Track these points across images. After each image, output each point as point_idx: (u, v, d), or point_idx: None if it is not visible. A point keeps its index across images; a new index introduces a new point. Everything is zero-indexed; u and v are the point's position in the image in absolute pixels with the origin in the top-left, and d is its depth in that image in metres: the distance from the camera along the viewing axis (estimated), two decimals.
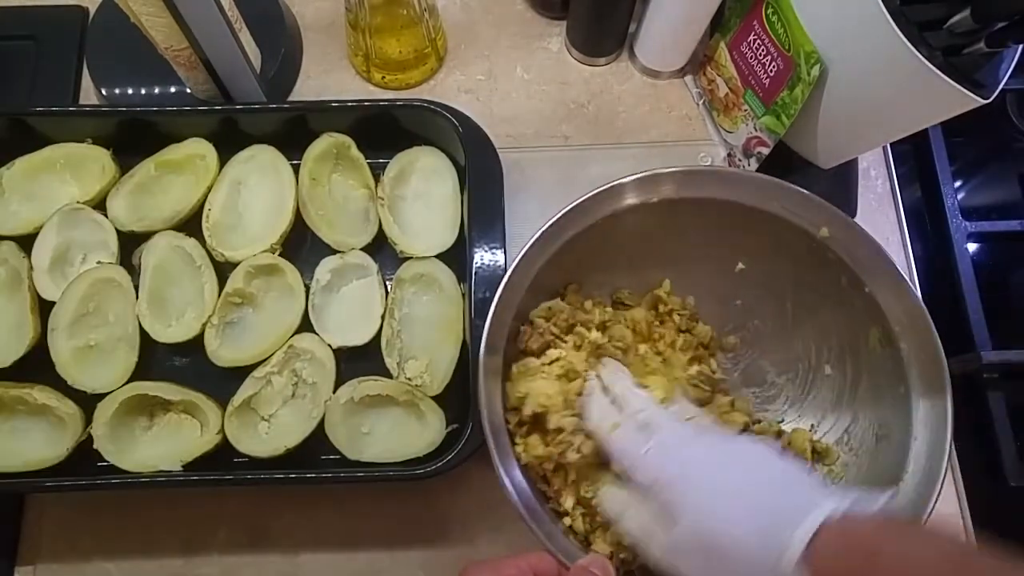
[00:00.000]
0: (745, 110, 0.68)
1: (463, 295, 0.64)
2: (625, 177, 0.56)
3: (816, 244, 0.56)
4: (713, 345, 0.64)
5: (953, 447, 0.51)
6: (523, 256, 0.54)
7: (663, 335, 0.61)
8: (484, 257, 0.62)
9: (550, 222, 0.55)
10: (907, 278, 0.54)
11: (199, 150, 0.67)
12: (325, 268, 0.65)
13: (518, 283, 0.54)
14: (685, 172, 0.57)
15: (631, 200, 0.56)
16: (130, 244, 0.66)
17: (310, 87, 0.77)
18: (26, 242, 0.64)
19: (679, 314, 0.63)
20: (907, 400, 0.53)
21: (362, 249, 0.66)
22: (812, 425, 0.60)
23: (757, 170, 0.69)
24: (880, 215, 0.74)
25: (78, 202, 0.65)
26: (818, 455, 0.58)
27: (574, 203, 0.55)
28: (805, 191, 0.56)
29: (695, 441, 0.47)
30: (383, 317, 0.64)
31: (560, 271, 0.58)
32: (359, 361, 0.64)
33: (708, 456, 0.45)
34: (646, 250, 0.61)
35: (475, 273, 0.61)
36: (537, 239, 0.54)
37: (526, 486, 0.51)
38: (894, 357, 0.54)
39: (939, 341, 0.52)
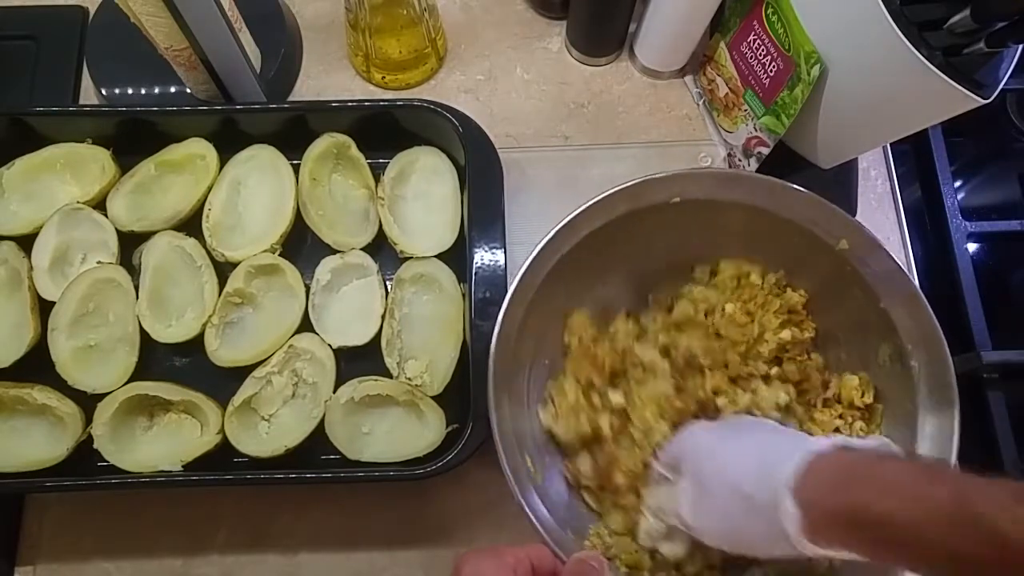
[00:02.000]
0: (745, 110, 0.68)
1: (463, 295, 0.64)
2: (652, 175, 0.56)
3: (834, 256, 0.56)
4: (803, 313, 0.62)
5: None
6: (534, 259, 0.54)
7: (754, 296, 0.61)
8: (484, 257, 0.62)
9: (569, 217, 0.55)
10: (923, 296, 0.53)
11: (199, 150, 0.67)
12: (325, 268, 0.65)
13: (528, 285, 0.55)
14: (712, 175, 0.57)
15: (652, 199, 0.56)
16: (130, 244, 0.66)
17: (310, 87, 0.77)
18: (26, 242, 0.64)
19: (759, 276, 0.62)
20: (914, 417, 0.52)
21: (362, 249, 0.66)
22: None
23: (757, 170, 0.69)
24: (880, 215, 0.74)
25: (78, 202, 0.65)
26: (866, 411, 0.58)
27: (598, 197, 0.55)
28: (828, 203, 0.55)
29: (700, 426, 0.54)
30: (383, 317, 0.64)
31: (570, 274, 0.58)
32: (359, 361, 0.64)
33: (709, 428, 0.52)
34: (658, 252, 0.61)
35: (475, 273, 0.61)
36: (552, 237, 0.54)
37: (534, 493, 0.51)
38: (903, 374, 0.54)
39: (951, 361, 0.51)
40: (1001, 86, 0.51)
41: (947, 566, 0.36)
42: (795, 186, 0.56)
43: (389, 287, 0.66)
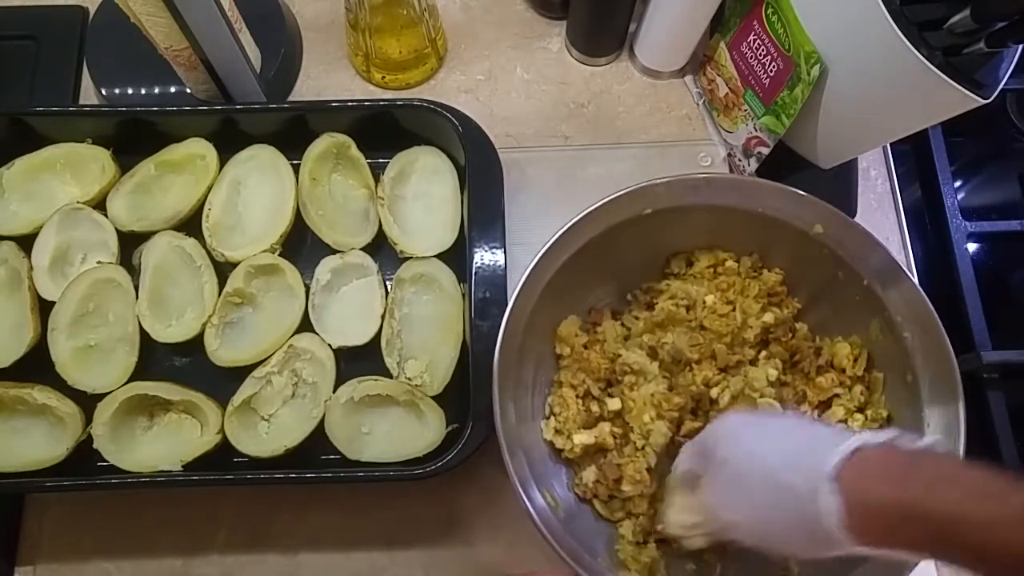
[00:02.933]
0: (745, 110, 0.68)
1: (463, 295, 0.64)
2: (613, 194, 0.56)
3: (810, 242, 0.56)
4: (781, 292, 0.62)
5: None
6: (532, 269, 0.54)
7: (732, 284, 0.61)
8: (484, 257, 0.62)
9: (558, 234, 0.55)
10: (904, 267, 0.55)
11: (199, 150, 0.67)
12: (325, 268, 0.65)
13: (522, 310, 0.55)
14: (672, 182, 0.57)
15: (622, 215, 0.56)
16: (130, 244, 0.66)
17: (310, 87, 0.77)
18: (26, 242, 0.64)
19: (734, 260, 0.62)
20: (915, 387, 0.53)
21: (362, 249, 0.66)
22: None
23: (757, 170, 0.69)
24: (880, 215, 0.74)
25: (78, 202, 0.65)
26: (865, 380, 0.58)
27: (579, 216, 0.55)
28: (796, 190, 0.56)
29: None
30: (383, 317, 0.64)
31: (559, 293, 0.58)
32: (359, 361, 0.64)
33: (745, 415, 0.49)
34: (639, 261, 0.62)
35: (475, 273, 0.61)
36: (533, 268, 0.55)
37: (544, 505, 0.51)
38: (898, 347, 0.54)
39: (942, 327, 0.52)
40: (1001, 86, 0.51)
41: (1013, 569, 0.34)
42: (756, 179, 0.57)
43: (389, 287, 0.66)
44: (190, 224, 0.66)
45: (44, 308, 0.62)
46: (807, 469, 0.39)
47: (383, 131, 0.67)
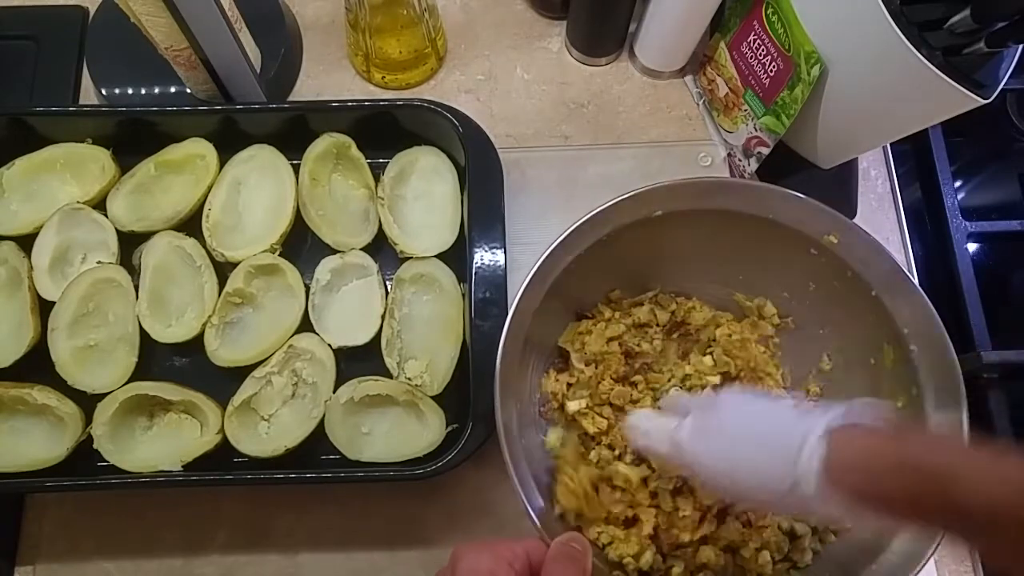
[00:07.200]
0: (745, 110, 0.68)
1: (463, 295, 0.64)
2: (623, 195, 0.55)
3: (822, 251, 0.56)
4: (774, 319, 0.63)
5: None
6: (538, 268, 0.54)
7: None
8: (484, 257, 0.62)
9: (563, 236, 0.55)
10: (916, 283, 0.54)
11: (199, 150, 0.67)
12: (325, 268, 0.65)
13: (535, 290, 0.54)
14: (684, 184, 0.56)
15: (629, 217, 0.56)
16: (130, 244, 0.66)
17: (310, 87, 0.77)
18: (26, 242, 0.64)
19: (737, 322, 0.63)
20: (919, 400, 0.53)
21: (362, 249, 0.66)
22: None
23: (757, 170, 0.69)
24: (880, 215, 0.74)
25: (78, 202, 0.65)
26: None
27: (584, 217, 0.55)
28: (812, 200, 0.55)
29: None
30: (383, 317, 0.64)
31: (566, 287, 0.57)
32: (359, 361, 0.64)
33: (728, 397, 0.46)
34: (646, 264, 0.61)
35: (475, 273, 0.61)
36: (548, 255, 0.54)
37: (544, 506, 0.51)
38: (905, 360, 0.54)
39: (948, 340, 0.52)
40: (1001, 86, 0.51)
41: (996, 528, 0.33)
42: (772, 186, 0.56)
43: (389, 287, 0.66)
44: (190, 224, 0.66)
45: (44, 308, 0.62)
46: (800, 428, 0.39)
47: (383, 131, 0.67)
